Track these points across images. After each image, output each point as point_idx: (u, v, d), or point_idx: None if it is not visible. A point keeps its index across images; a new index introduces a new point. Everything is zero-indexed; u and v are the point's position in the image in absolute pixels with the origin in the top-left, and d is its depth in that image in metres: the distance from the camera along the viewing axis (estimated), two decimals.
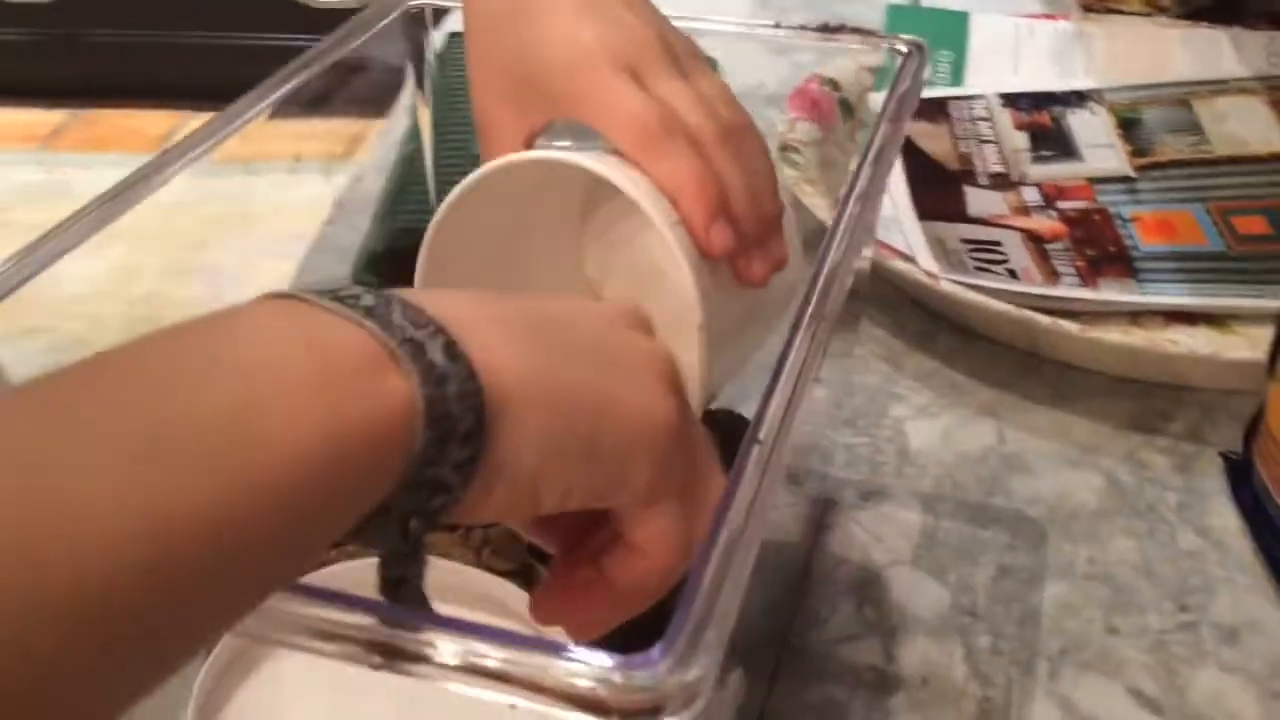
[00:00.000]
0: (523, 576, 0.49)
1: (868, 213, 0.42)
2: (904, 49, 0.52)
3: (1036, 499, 0.62)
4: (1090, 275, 0.74)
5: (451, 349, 0.27)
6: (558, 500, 0.30)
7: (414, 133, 0.64)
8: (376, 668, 0.26)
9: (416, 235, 0.45)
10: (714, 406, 0.57)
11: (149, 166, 0.47)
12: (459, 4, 0.56)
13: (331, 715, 0.43)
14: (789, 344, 0.36)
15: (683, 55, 0.45)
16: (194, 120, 0.57)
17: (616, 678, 0.26)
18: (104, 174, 0.47)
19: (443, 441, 0.27)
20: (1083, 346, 0.68)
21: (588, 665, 0.26)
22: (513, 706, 0.27)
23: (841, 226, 0.41)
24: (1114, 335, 0.66)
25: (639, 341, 0.33)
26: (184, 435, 0.24)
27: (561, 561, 0.35)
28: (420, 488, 0.27)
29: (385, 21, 0.56)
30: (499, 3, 0.46)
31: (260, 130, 0.54)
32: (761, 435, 0.32)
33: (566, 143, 0.46)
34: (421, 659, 0.27)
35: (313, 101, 0.56)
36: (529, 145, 0.46)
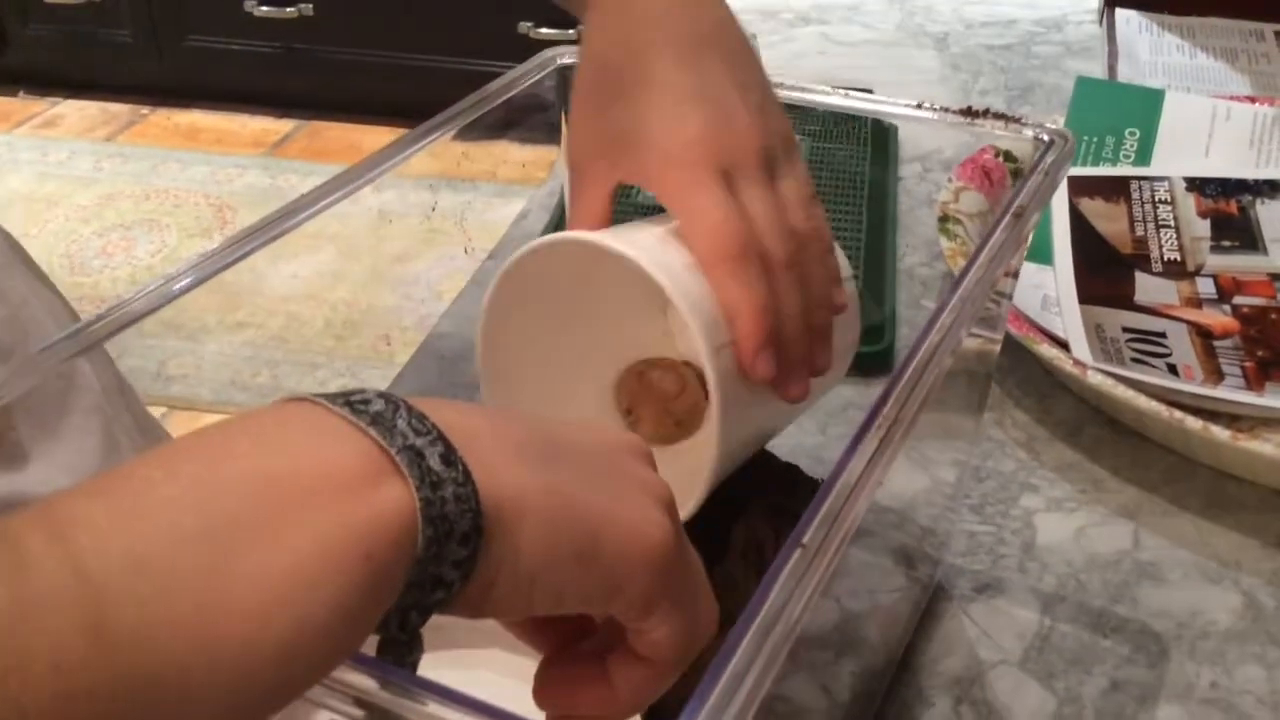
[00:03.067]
0: None
1: (968, 313, 0.41)
2: (1046, 138, 0.51)
3: (1165, 612, 0.59)
4: (1258, 378, 0.70)
5: (448, 455, 0.29)
6: (552, 603, 0.31)
7: None
8: None
9: None
10: (779, 456, 0.57)
11: (341, 178, 0.49)
12: None
13: None
14: (856, 441, 0.35)
15: (779, 153, 0.45)
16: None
17: None
18: (320, 182, 0.51)
19: (442, 541, 0.28)
20: (1235, 455, 0.64)
21: None
22: None
23: (929, 340, 0.40)
24: (1269, 447, 0.62)
25: (638, 469, 0.34)
26: (169, 555, 0.25)
27: (556, 657, 0.35)
28: (422, 585, 0.28)
29: (535, 79, 0.57)
30: (616, 52, 0.47)
31: (472, 150, 0.56)
32: (806, 539, 0.32)
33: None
34: None
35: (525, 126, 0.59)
36: (613, 198, 0.47)
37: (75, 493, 0.26)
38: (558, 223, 0.76)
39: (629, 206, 0.58)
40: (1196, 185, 0.85)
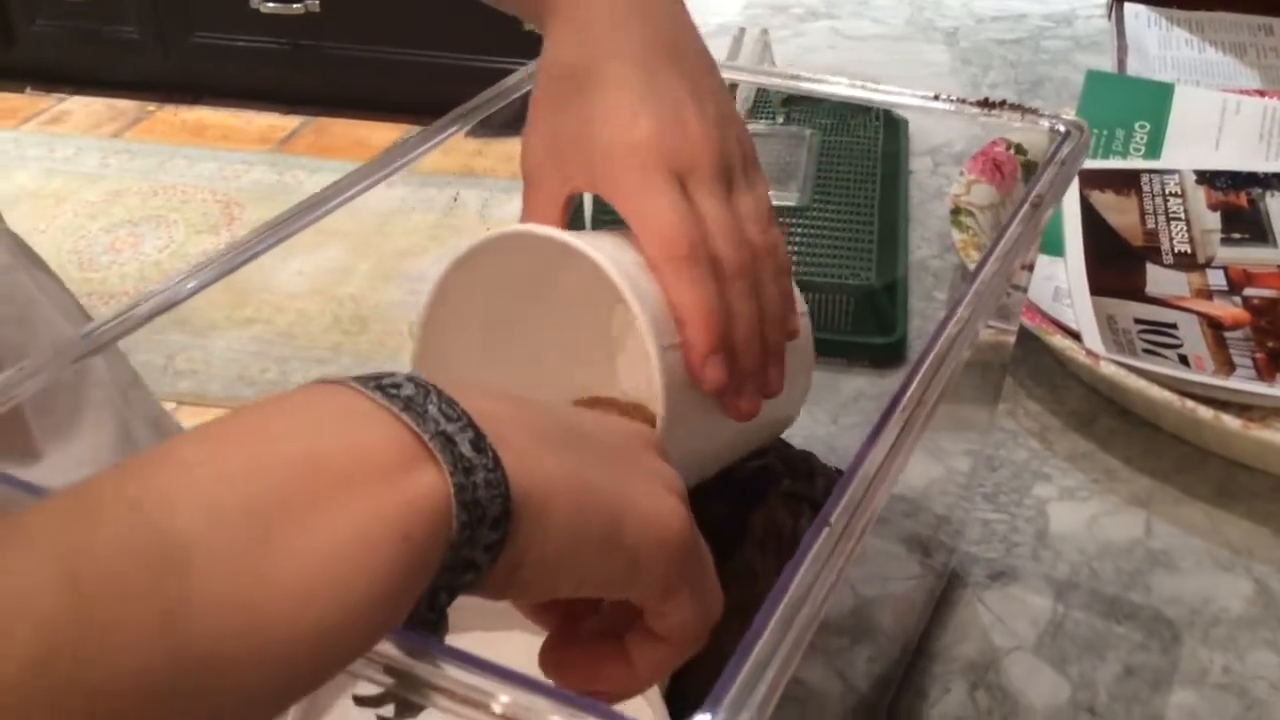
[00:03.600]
0: None
1: (985, 302, 0.42)
2: (1062, 129, 0.51)
3: (1177, 599, 0.60)
4: (1269, 369, 0.71)
5: (478, 441, 0.29)
6: (575, 586, 0.32)
7: None
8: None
9: None
10: (797, 446, 0.57)
11: (355, 175, 0.50)
12: None
13: None
14: (879, 428, 0.36)
15: (736, 166, 0.45)
16: (410, 133, 0.61)
17: None
18: (327, 178, 0.51)
19: (474, 525, 0.29)
20: (1246, 444, 0.64)
21: None
22: None
23: (948, 331, 0.40)
24: (1279, 436, 0.63)
25: (652, 459, 0.35)
26: (211, 538, 0.25)
27: (563, 635, 0.36)
28: (454, 568, 0.29)
29: None
30: (570, 54, 0.47)
31: (476, 146, 0.56)
32: (832, 519, 0.33)
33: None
34: (469, 703, 0.28)
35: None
36: (567, 207, 0.47)
37: (117, 470, 0.27)
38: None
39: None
40: (1207, 178, 0.86)
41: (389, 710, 0.30)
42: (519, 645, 0.51)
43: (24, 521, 0.25)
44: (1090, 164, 0.87)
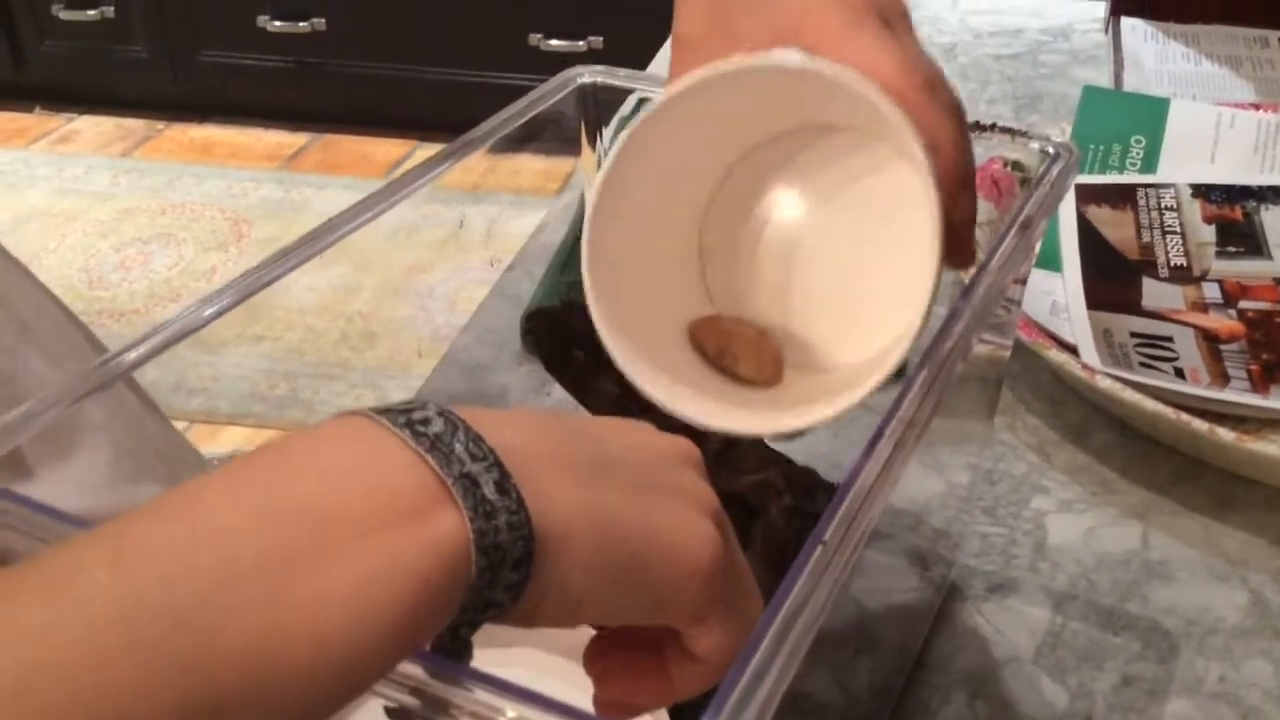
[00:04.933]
0: None
1: (979, 317, 0.43)
2: (1051, 150, 0.52)
3: (1173, 609, 0.61)
4: (1263, 381, 0.72)
5: (503, 483, 0.29)
6: (599, 618, 0.33)
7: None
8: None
9: (578, 296, 0.45)
10: (796, 462, 0.58)
11: (376, 196, 0.50)
12: (626, 84, 0.59)
13: None
14: (872, 444, 0.37)
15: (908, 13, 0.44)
16: (421, 150, 0.61)
17: None
18: (335, 195, 0.52)
19: (495, 568, 0.29)
20: (1241, 456, 0.65)
21: None
22: None
23: (942, 347, 0.41)
24: (1275, 448, 0.64)
25: (686, 479, 0.35)
26: (229, 584, 0.26)
27: (609, 637, 0.37)
28: (474, 607, 0.30)
29: (559, 96, 0.59)
30: None
31: (485, 163, 0.57)
32: (826, 537, 0.34)
33: None
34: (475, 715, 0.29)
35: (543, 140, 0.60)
36: None
37: (142, 515, 0.28)
38: (578, 234, 0.78)
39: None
40: (1202, 191, 0.87)
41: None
42: (532, 660, 0.53)
43: (42, 566, 0.26)
44: (1086, 179, 0.89)
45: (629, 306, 0.45)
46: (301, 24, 2.60)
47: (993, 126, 0.54)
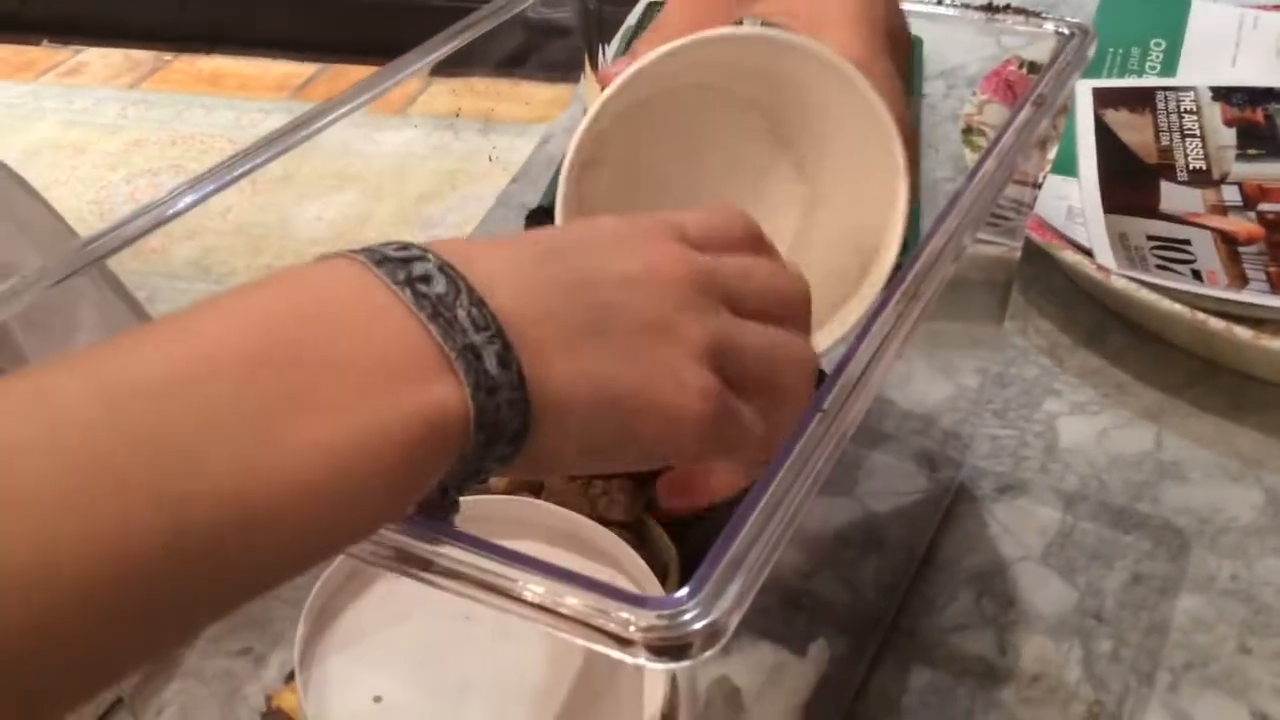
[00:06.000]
0: (634, 530, 0.51)
1: (984, 203, 0.41)
2: (1066, 31, 0.51)
3: (1186, 509, 0.60)
4: None
5: (505, 356, 0.28)
6: (595, 471, 0.35)
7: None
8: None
9: None
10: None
11: (310, 114, 0.50)
12: None
13: (437, 638, 0.46)
14: (872, 318, 0.36)
15: None
16: (436, 85, 0.60)
17: (643, 617, 0.27)
18: (341, 126, 0.50)
19: (490, 443, 0.29)
20: (1258, 355, 0.64)
21: (616, 602, 0.28)
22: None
23: (949, 222, 0.40)
24: None
25: (688, 317, 0.32)
26: (217, 424, 0.26)
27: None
28: (465, 475, 0.29)
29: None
30: None
31: (486, 88, 0.56)
32: (826, 404, 0.33)
33: None
34: (459, 577, 0.29)
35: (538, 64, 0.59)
36: None
37: (135, 344, 0.27)
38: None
39: None
40: (1223, 94, 0.84)
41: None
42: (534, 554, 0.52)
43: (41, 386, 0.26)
44: (1105, 82, 0.86)
45: None
46: None
47: (1006, 8, 0.52)
